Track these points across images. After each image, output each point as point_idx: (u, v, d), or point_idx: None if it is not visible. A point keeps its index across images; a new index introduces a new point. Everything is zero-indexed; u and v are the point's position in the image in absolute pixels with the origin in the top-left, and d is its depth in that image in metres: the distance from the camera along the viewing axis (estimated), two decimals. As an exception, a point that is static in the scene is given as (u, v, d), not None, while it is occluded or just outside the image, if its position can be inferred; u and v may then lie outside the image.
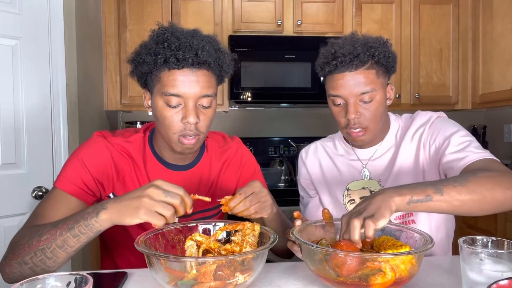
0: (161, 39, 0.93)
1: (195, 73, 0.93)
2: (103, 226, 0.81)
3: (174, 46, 0.91)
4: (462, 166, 0.95)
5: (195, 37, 0.94)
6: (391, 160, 1.14)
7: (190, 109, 0.93)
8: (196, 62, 0.92)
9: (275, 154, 2.89)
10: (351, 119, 1.05)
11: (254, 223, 0.85)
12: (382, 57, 1.04)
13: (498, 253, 0.70)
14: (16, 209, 1.75)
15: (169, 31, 0.94)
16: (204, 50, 0.92)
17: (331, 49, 1.06)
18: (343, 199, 1.17)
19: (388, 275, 0.69)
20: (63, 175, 0.98)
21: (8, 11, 1.71)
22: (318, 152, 1.26)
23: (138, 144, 1.06)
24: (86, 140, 1.04)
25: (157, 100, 0.95)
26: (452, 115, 1.33)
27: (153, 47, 0.93)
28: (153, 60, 0.92)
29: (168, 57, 0.91)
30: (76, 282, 0.58)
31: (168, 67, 0.92)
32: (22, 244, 0.86)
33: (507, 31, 2.35)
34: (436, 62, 2.72)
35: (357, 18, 2.63)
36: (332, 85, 1.07)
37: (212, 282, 0.69)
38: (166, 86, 0.93)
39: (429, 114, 1.13)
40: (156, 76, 0.94)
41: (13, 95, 1.73)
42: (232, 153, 1.16)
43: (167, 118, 0.94)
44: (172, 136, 0.96)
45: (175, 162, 1.07)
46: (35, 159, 1.80)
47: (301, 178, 1.28)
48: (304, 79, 2.53)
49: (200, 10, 2.56)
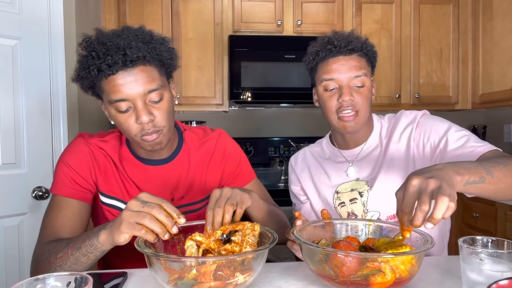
0: (89, 50, 0.91)
1: (131, 73, 0.90)
2: (105, 246, 0.83)
3: (101, 53, 0.89)
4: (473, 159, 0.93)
5: (121, 37, 0.91)
6: (377, 160, 1.14)
7: (140, 109, 0.92)
8: (128, 61, 0.89)
9: (275, 154, 2.89)
10: (345, 100, 1.06)
11: (254, 223, 0.85)
12: (369, 50, 1.11)
13: (498, 253, 0.70)
14: (16, 209, 1.75)
15: (94, 39, 0.92)
16: (132, 46, 0.89)
17: (323, 38, 1.12)
18: (333, 202, 1.18)
19: (388, 276, 0.69)
20: (56, 181, 1.02)
21: (8, 11, 1.71)
22: (307, 158, 1.28)
23: (114, 143, 1.07)
24: (69, 143, 1.09)
25: (109, 109, 0.95)
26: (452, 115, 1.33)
27: (84, 61, 0.91)
28: (87, 73, 0.91)
29: (99, 65, 0.89)
30: (76, 282, 0.58)
31: (104, 75, 0.90)
32: (42, 260, 0.91)
33: (507, 31, 2.35)
34: (436, 62, 2.72)
35: (357, 18, 2.63)
36: (326, 70, 1.09)
37: (212, 282, 0.69)
38: (109, 93, 0.91)
39: (414, 112, 1.15)
40: (99, 87, 0.94)
41: (13, 95, 1.73)
42: (213, 145, 1.14)
43: (123, 123, 0.94)
44: (134, 138, 0.96)
45: (151, 157, 1.07)
46: (35, 159, 1.80)
47: (292, 185, 1.30)
48: (304, 79, 2.53)
49: (200, 10, 2.56)
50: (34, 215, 1.79)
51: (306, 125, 2.99)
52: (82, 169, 1.02)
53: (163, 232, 0.76)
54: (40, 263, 0.91)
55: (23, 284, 0.56)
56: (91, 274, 0.75)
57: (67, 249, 0.87)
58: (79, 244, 0.85)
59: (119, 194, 1.05)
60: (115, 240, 0.79)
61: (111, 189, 1.05)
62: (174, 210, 0.79)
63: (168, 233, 0.77)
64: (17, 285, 0.55)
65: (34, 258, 0.96)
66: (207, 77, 2.59)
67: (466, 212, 2.34)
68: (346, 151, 1.20)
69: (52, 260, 0.88)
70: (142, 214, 0.76)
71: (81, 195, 1.01)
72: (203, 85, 2.59)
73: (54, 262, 0.87)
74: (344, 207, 1.15)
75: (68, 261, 0.86)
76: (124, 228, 0.77)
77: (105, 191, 1.05)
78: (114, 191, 1.05)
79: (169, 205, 0.79)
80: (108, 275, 0.88)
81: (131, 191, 1.05)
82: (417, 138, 1.10)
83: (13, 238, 1.74)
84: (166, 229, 0.77)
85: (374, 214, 1.11)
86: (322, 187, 1.21)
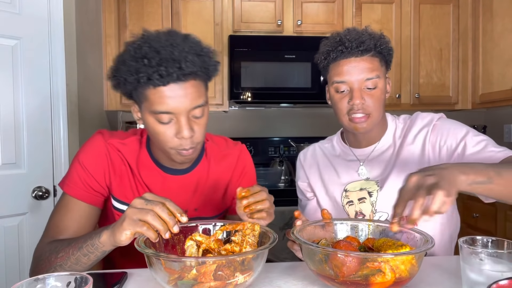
0: (139, 55, 0.86)
1: (182, 87, 0.87)
2: (105, 247, 0.83)
3: (155, 62, 0.84)
4: None
5: (176, 48, 0.86)
6: (389, 160, 1.13)
7: (183, 124, 0.89)
8: (182, 75, 0.86)
9: (275, 154, 2.89)
10: (356, 104, 1.04)
11: (254, 223, 0.85)
12: (384, 47, 1.07)
13: (498, 253, 0.70)
14: (16, 209, 1.75)
15: (145, 43, 0.87)
16: (188, 60, 0.86)
17: (336, 37, 1.08)
18: (341, 200, 1.16)
19: (388, 275, 0.69)
20: (69, 179, 1.00)
21: (8, 11, 1.71)
22: (316, 154, 1.26)
23: (133, 147, 1.04)
24: (88, 139, 1.04)
25: (146, 117, 0.91)
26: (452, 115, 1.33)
27: (133, 65, 0.86)
28: (136, 79, 0.86)
29: (150, 74, 0.84)
30: (76, 282, 0.58)
31: (153, 84, 0.86)
32: (43, 260, 0.90)
33: (507, 31, 2.35)
34: (436, 62, 2.72)
35: (357, 18, 2.63)
36: (337, 71, 1.07)
37: (212, 282, 0.69)
38: (154, 104, 0.87)
39: (430, 115, 1.13)
40: (142, 93, 0.89)
41: (13, 95, 1.73)
42: (234, 161, 1.12)
43: (160, 134, 0.91)
44: (169, 150, 0.94)
45: (173, 167, 1.05)
46: (35, 159, 1.80)
47: (299, 180, 1.29)
48: (304, 79, 2.53)
49: (200, 10, 2.56)
50: (34, 215, 1.79)
51: (306, 125, 2.99)
52: (96, 171, 0.99)
53: (164, 229, 0.76)
54: (40, 263, 0.91)
55: (23, 284, 0.55)
56: (91, 274, 0.75)
57: (68, 249, 0.87)
58: (81, 243, 0.85)
59: (130, 199, 1.01)
60: (117, 238, 0.79)
61: (124, 194, 1.03)
62: (177, 208, 0.78)
63: (169, 232, 0.77)
64: (17, 285, 0.55)
65: (35, 257, 0.95)
66: (207, 77, 2.58)
67: (466, 212, 2.34)
68: (358, 149, 1.18)
69: (52, 260, 0.88)
70: (145, 211, 0.76)
71: (92, 198, 0.99)
72: (203, 85, 2.59)
73: (55, 262, 0.87)
74: (352, 206, 1.14)
75: (69, 261, 0.86)
76: (126, 225, 0.77)
77: (118, 196, 1.03)
78: (128, 197, 1.03)
79: (172, 204, 0.79)
80: (108, 275, 0.88)
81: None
82: (433, 141, 1.08)
83: (13, 238, 1.74)
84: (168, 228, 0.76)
85: (382, 215, 1.10)
86: (330, 184, 1.19)
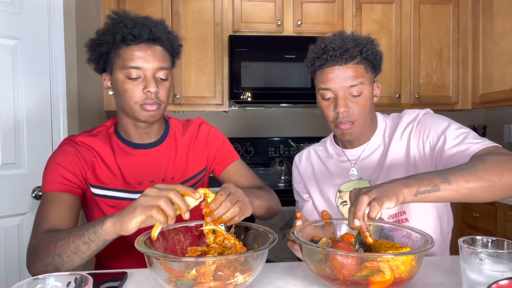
0: (117, 20, 1.03)
1: (151, 48, 1.03)
2: (108, 234, 0.83)
3: (129, 25, 1.01)
4: (467, 158, 0.94)
5: (147, 18, 1.07)
6: (380, 159, 1.14)
7: (149, 79, 1.02)
8: (151, 38, 1.03)
9: (275, 154, 2.89)
10: (340, 112, 1.06)
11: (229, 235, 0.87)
12: (370, 53, 1.08)
13: (498, 253, 0.70)
14: (16, 209, 1.75)
15: (123, 14, 1.06)
16: (157, 27, 1.05)
17: (321, 44, 1.09)
18: (335, 201, 1.18)
19: (387, 275, 0.69)
20: (46, 180, 1.05)
21: (8, 11, 1.71)
22: (311, 157, 1.29)
23: (103, 134, 1.14)
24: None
25: (117, 75, 1.04)
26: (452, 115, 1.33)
27: (110, 28, 1.03)
28: (112, 39, 1.02)
29: (125, 34, 1.01)
30: (76, 282, 0.59)
31: (126, 43, 1.02)
32: (41, 249, 0.90)
33: (507, 31, 2.35)
34: (436, 62, 2.72)
35: (357, 18, 2.63)
36: (322, 79, 1.08)
37: (212, 282, 0.69)
38: (126, 60, 1.02)
39: (416, 111, 1.14)
40: (115, 53, 1.04)
41: (13, 95, 1.73)
42: (195, 129, 1.23)
43: (129, 90, 1.03)
44: (134, 106, 1.04)
45: (141, 141, 1.13)
46: (35, 159, 1.80)
47: (295, 182, 1.31)
48: (304, 79, 2.53)
49: (200, 10, 2.56)
50: (34, 215, 1.78)
51: (306, 125, 2.99)
52: (70, 165, 1.06)
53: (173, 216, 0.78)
54: (38, 251, 0.90)
55: (23, 284, 0.56)
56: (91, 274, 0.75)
57: (68, 237, 0.86)
58: (83, 231, 0.85)
59: (107, 182, 1.08)
60: (125, 225, 0.79)
61: (100, 180, 1.08)
62: (189, 188, 0.82)
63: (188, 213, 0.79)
64: (17, 285, 0.55)
65: (32, 247, 0.94)
66: (207, 77, 2.59)
67: (466, 212, 2.34)
68: (349, 150, 1.20)
69: (51, 249, 0.87)
70: (158, 197, 0.78)
71: (71, 189, 1.04)
72: (203, 85, 2.59)
73: (54, 251, 0.87)
74: (346, 206, 1.15)
75: (68, 249, 0.85)
76: (138, 212, 0.78)
77: (95, 183, 1.08)
78: (103, 181, 1.09)
79: (183, 187, 0.82)
80: (108, 275, 0.88)
81: (117, 175, 1.09)
82: (417, 136, 1.09)
83: (13, 238, 1.74)
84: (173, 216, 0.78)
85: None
86: (324, 185, 1.21)
